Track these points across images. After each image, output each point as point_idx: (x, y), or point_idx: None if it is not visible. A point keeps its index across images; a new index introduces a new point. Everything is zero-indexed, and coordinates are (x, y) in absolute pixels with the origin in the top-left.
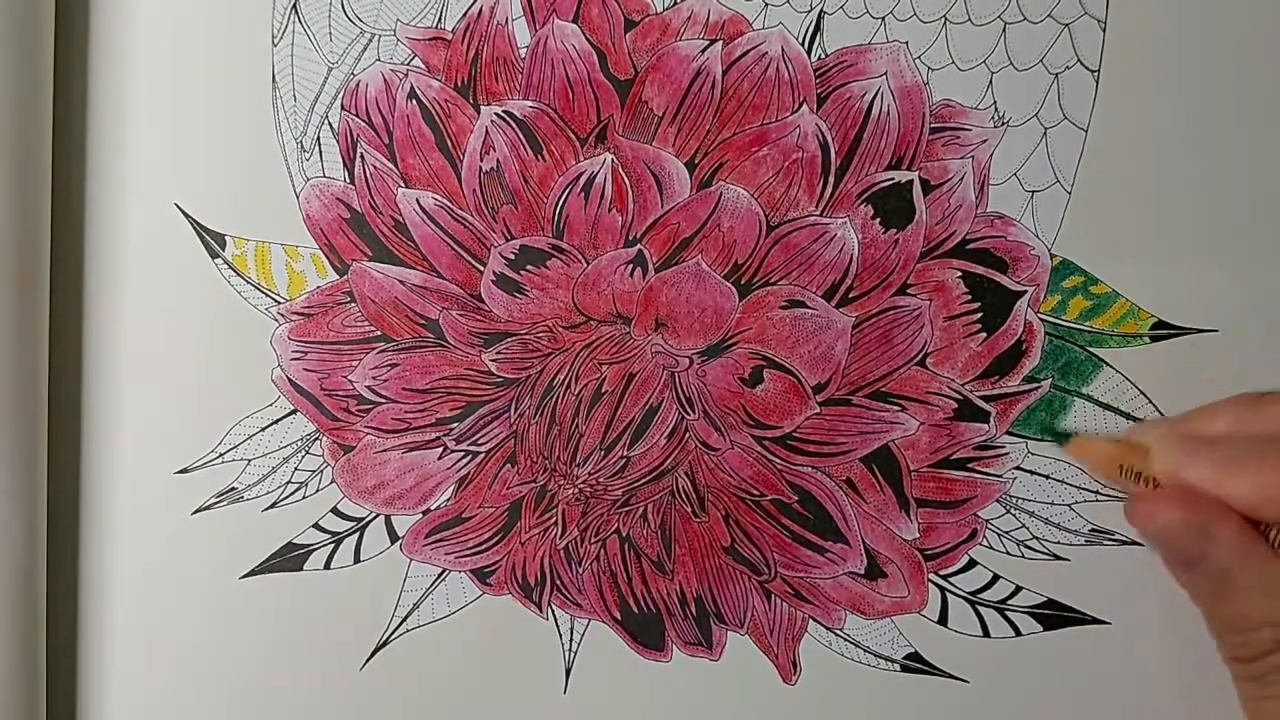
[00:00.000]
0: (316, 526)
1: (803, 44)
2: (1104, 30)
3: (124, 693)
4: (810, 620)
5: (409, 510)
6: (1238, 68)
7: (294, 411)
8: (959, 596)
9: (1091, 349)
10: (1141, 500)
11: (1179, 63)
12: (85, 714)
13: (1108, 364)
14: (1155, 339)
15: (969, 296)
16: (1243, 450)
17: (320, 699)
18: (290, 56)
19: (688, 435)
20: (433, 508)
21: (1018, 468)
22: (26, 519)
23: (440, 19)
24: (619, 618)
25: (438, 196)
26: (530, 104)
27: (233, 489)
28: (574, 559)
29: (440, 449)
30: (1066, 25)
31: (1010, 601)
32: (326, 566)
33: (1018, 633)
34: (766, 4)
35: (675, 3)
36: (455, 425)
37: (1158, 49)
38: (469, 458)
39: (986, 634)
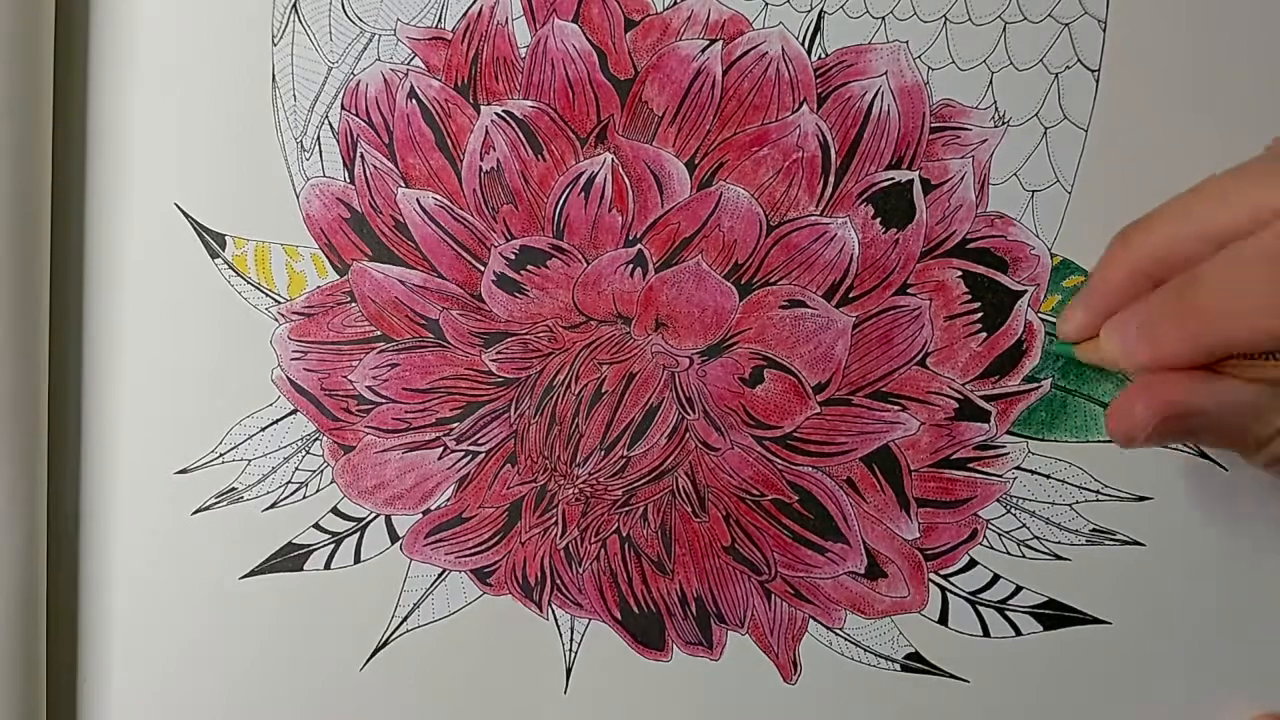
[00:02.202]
0: (317, 526)
1: (803, 44)
2: (1104, 30)
3: (124, 692)
4: (810, 620)
5: (409, 510)
6: (1238, 67)
7: (294, 411)
8: (959, 596)
9: None
10: (1117, 417)
11: (1179, 62)
12: (85, 714)
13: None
14: None
15: (969, 296)
16: (1144, 310)
17: (320, 699)
18: (290, 56)
19: (688, 435)
20: (433, 508)
21: (1018, 468)
22: (26, 519)
23: (440, 19)
24: (619, 617)
25: (438, 196)
26: (530, 104)
27: (233, 489)
28: (574, 559)
29: (440, 449)
30: (1067, 25)
31: (1010, 601)
32: (327, 566)
33: (1018, 632)
34: (767, 4)
35: (675, 2)
36: (455, 425)
37: (1158, 49)
38: (469, 458)
39: (987, 634)
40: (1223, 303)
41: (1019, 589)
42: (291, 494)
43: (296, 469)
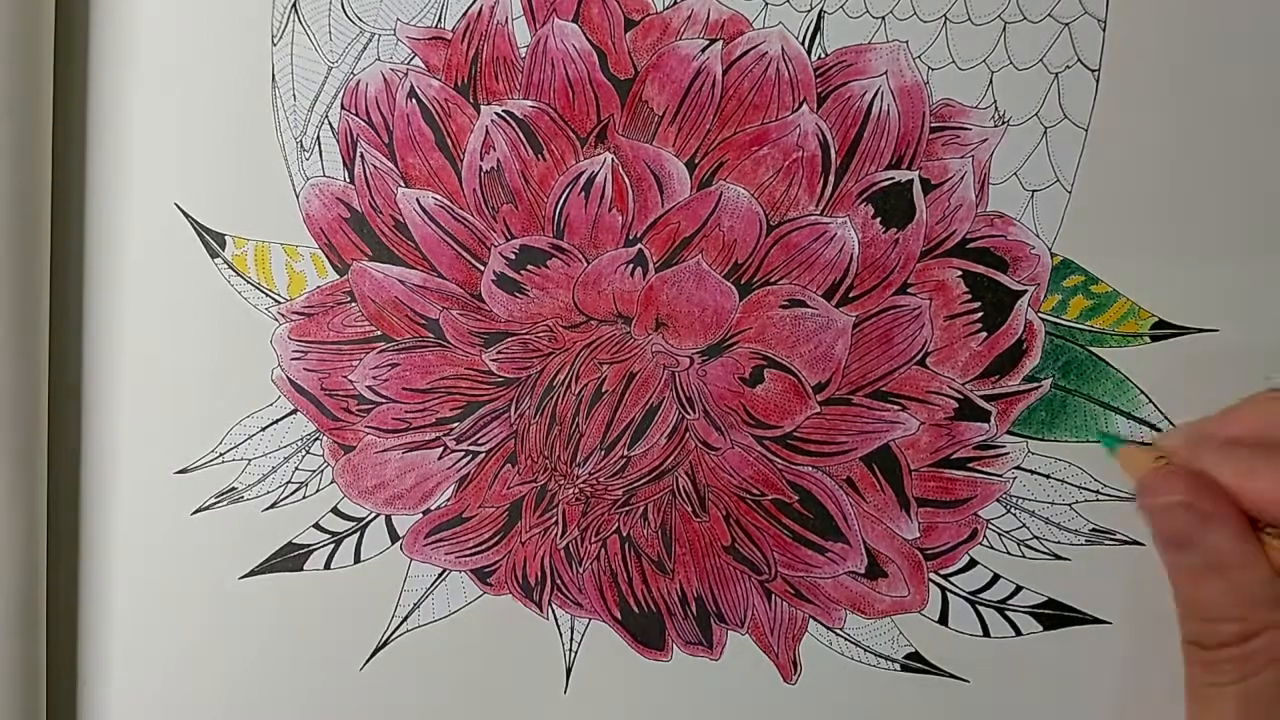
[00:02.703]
0: (317, 526)
1: (803, 43)
2: (1104, 29)
3: (124, 693)
4: (811, 620)
5: (409, 510)
6: (1238, 67)
7: (294, 411)
8: (959, 596)
9: (1092, 348)
10: (1151, 476)
11: (1179, 62)
12: (85, 714)
13: (1108, 364)
14: (1156, 338)
15: (969, 296)
16: (1260, 454)
17: (320, 699)
18: (290, 56)
19: (688, 435)
20: (433, 508)
21: (1018, 467)
22: (26, 519)
23: (440, 18)
24: (619, 617)
25: (438, 196)
26: (530, 103)
27: (233, 489)
28: (574, 559)
29: (440, 449)
30: (1066, 24)
31: (1010, 601)
32: (327, 566)
33: (1018, 632)
34: (767, 3)
35: (675, 2)
36: (455, 425)
37: (1158, 48)
38: (469, 457)
39: (987, 633)
40: None
41: (1019, 589)
42: (291, 494)
43: (296, 469)
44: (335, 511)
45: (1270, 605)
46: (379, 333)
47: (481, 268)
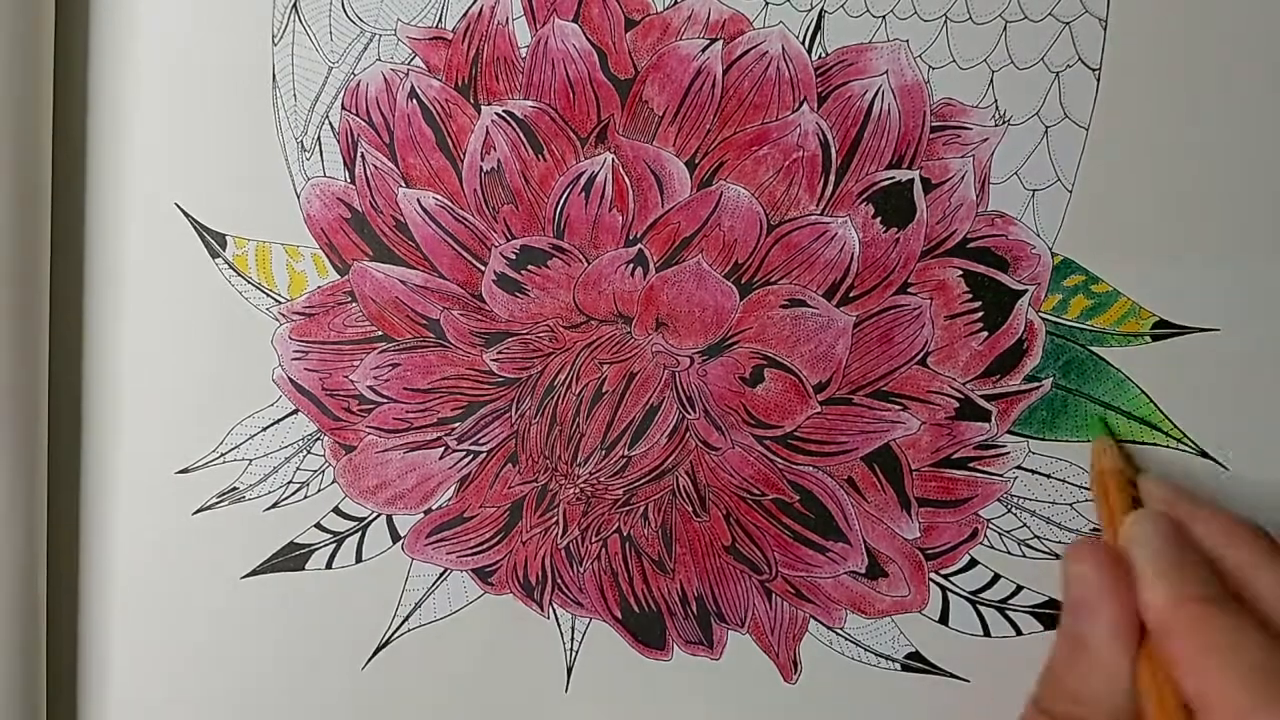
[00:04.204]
0: (318, 526)
1: (803, 43)
2: (1105, 28)
3: (125, 693)
4: (811, 619)
5: (410, 510)
6: (1239, 66)
7: (295, 411)
8: (960, 596)
9: (1093, 348)
10: (1083, 543)
11: (1180, 61)
12: (86, 714)
13: (1109, 363)
14: (1156, 338)
15: (970, 295)
16: (1179, 568)
17: (322, 699)
18: (290, 56)
19: (688, 435)
20: (434, 507)
21: (1019, 467)
22: (26, 519)
23: (441, 19)
24: (620, 617)
25: (438, 196)
26: (531, 104)
27: (234, 489)
28: (575, 558)
29: (442, 449)
30: (1068, 23)
31: (1011, 601)
32: (328, 566)
33: (1019, 632)
34: (767, 3)
35: (675, 2)
36: (456, 425)
37: (1159, 47)
38: (470, 457)
39: (987, 633)
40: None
41: (1020, 588)
42: (293, 494)
43: (298, 469)
44: (337, 511)
45: (1105, 711)
46: (380, 333)
47: (482, 268)
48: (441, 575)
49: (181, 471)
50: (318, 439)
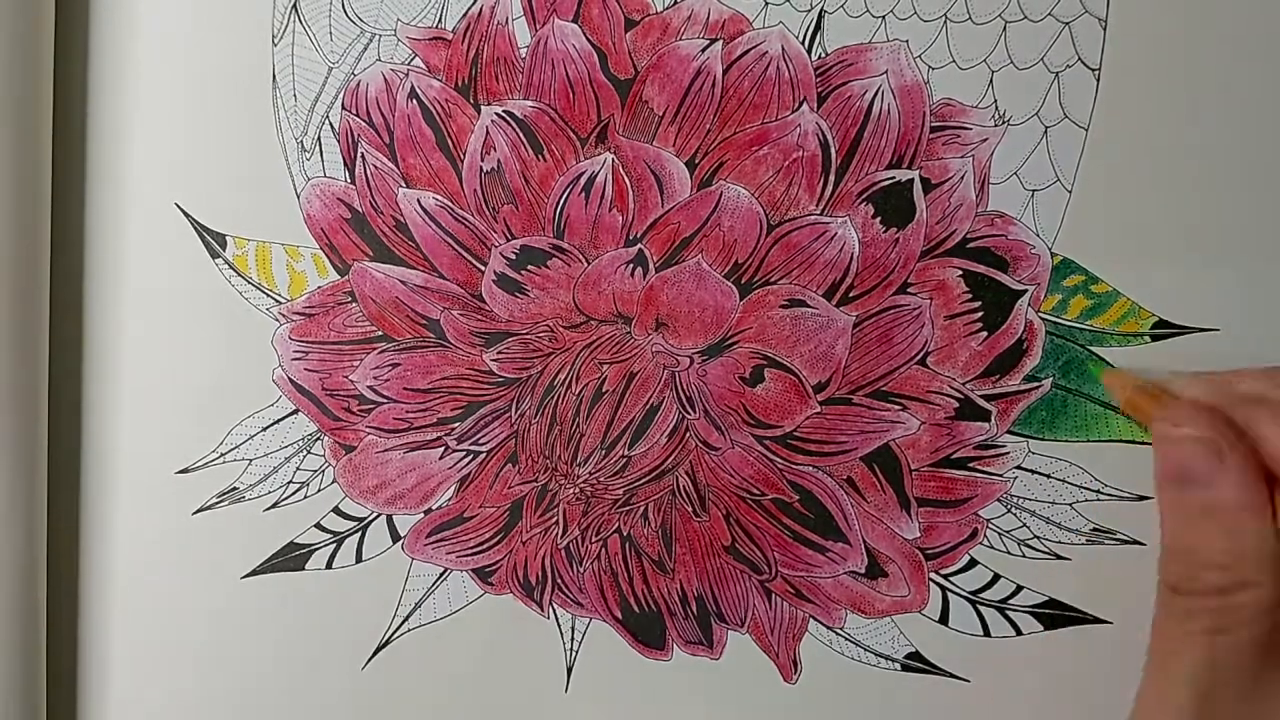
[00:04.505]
0: (318, 526)
1: (803, 43)
2: (1104, 29)
3: (125, 693)
4: (811, 619)
5: (410, 510)
6: (1239, 66)
7: (295, 411)
8: (960, 596)
9: (1092, 348)
10: (1176, 406)
11: (1180, 61)
12: (86, 714)
13: (1109, 363)
14: (1156, 338)
15: (969, 295)
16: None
17: (322, 699)
18: (290, 56)
19: (688, 435)
20: (434, 507)
21: (1019, 467)
22: (26, 519)
23: (440, 19)
24: (620, 617)
25: (438, 196)
26: (531, 104)
27: (234, 489)
28: (575, 558)
29: (441, 449)
30: (1067, 24)
31: (1011, 601)
32: (328, 566)
33: (1018, 632)
34: (767, 3)
35: (675, 2)
36: (456, 425)
37: (1159, 47)
38: (470, 457)
39: (987, 633)
40: None
41: (1019, 588)
42: (293, 494)
43: (298, 469)
44: (336, 511)
45: (1260, 562)
46: (380, 333)
47: (482, 268)
48: (441, 575)
49: (181, 471)
50: (318, 439)
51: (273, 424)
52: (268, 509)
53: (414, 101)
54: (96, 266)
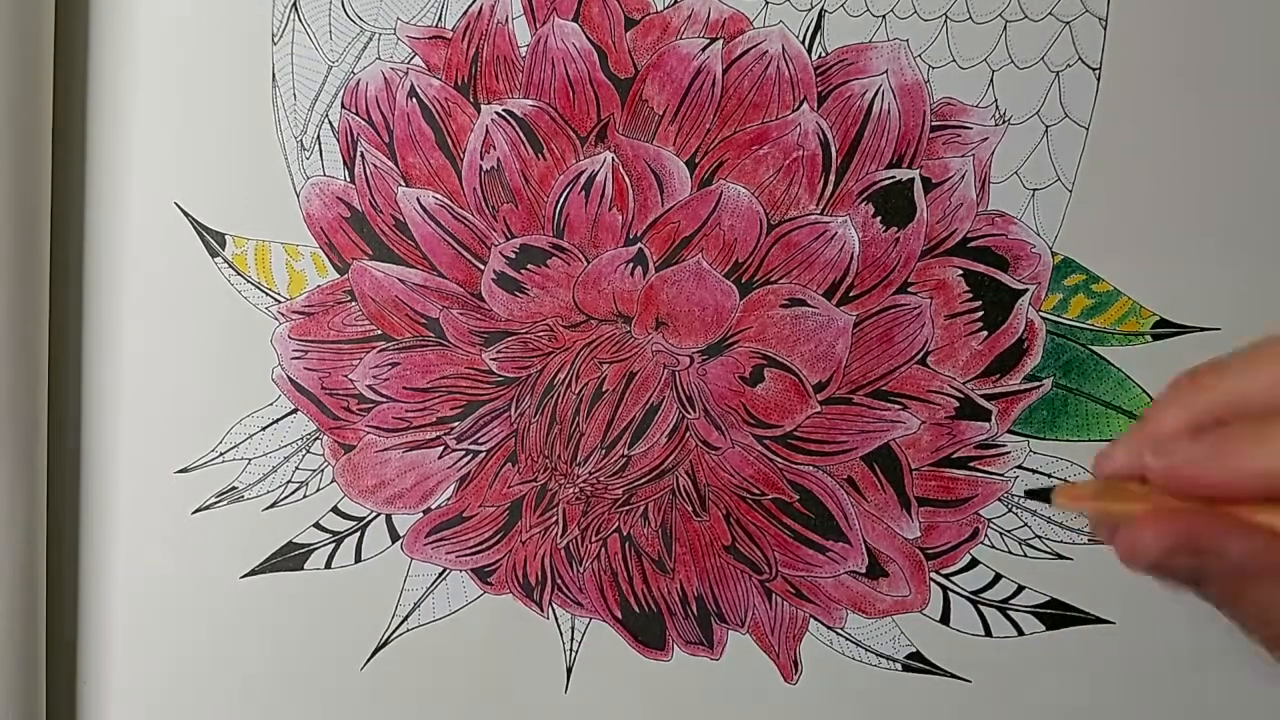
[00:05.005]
0: (317, 526)
1: (803, 42)
2: (1105, 28)
3: (124, 692)
4: (811, 619)
5: (410, 509)
6: (1239, 66)
7: (294, 410)
8: (961, 595)
9: (1093, 347)
10: (1122, 537)
11: (1180, 61)
12: (85, 713)
13: (1109, 362)
14: (1157, 337)
15: (970, 295)
16: (1216, 435)
17: (321, 698)
18: (290, 55)
19: (688, 434)
20: (433, 507)
21: (1019, 466)
22: (26, 519)
23: (440, 18)
24: (620, 617)
25: (438, 195)
26: (530, 103)
27: (233, 488)
28: (575, 558)
29: (441, 448)
30: (1068, 23)
31: (1012, 601)
32: (327, 566)
33: (1020, 632)
34: (767, 2)
35: (676, 1)
36: (456, 424)
37: (1159, 47)
38: (469, 457)
39: (988, 633)
40: None
41: (1021, 588)
42: (292, 493)
43: (297, 468)
44: (336, 511)
45: None
46: (379, 332)
47: (482, 267)
48: (441, 575)
49: (181, 471)
50: (317, 438)
51: (272, 423)
52: (267, 508)
53: (414, 100)
54: (96, 266)
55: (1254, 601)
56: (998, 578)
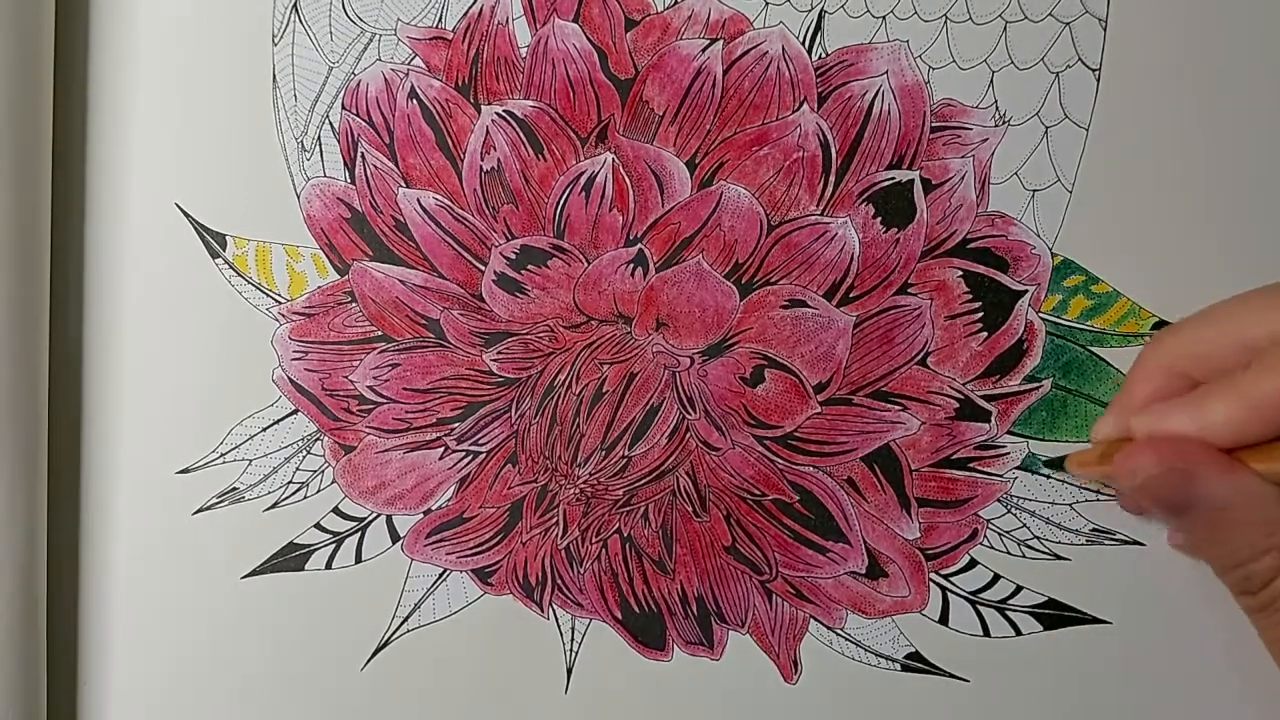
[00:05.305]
0: (318, 526)
1: (803, 43)
2: (1105, 29)
3: (124, 693)
4: (811, 620)
5: (410, 510)
6: (1239, 66)
7: (295, 411)
8: (960, 596)
9: (1093, 348)
10: (1122, 456)
11: (1180, 61)
12: (85, 714)
13: (1109, 364)
14: None
15: (970, 296)
16: (1198, 392)
17: (321, 699)
18: (291, 56)
19: (689, 435)
20: (434, 508)
21: (1019, 467)
22: (26, 519)
23: (441, 18)
24: (620, 617)
25: (438, 196)
26: (531, 103)
27: (234, 489)
28: (575, 559)
29: (441, 449)
30: (1068, 24)
31: (1011, 601)
32: (328, 566)
33: (1018, 632)
34: (767, 3)
35: (676, 2)
36: (456, 425)
37: (1159, 47)
38: (470, 458)
39: (987, 633)
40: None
41: (1019, 589)
42: (292, 494)
43: (297, 469)
44: (336, 511)
45: None
46: (380, 333)
47: (482, 268)
48: (441, 576)
49: (181, 471)
50: (317, 439)
51: (272, 424)
52: (267, 509)
53: (414, 101)
54: (96, 266)
55: (1227, 541)
56: (996, 578)
